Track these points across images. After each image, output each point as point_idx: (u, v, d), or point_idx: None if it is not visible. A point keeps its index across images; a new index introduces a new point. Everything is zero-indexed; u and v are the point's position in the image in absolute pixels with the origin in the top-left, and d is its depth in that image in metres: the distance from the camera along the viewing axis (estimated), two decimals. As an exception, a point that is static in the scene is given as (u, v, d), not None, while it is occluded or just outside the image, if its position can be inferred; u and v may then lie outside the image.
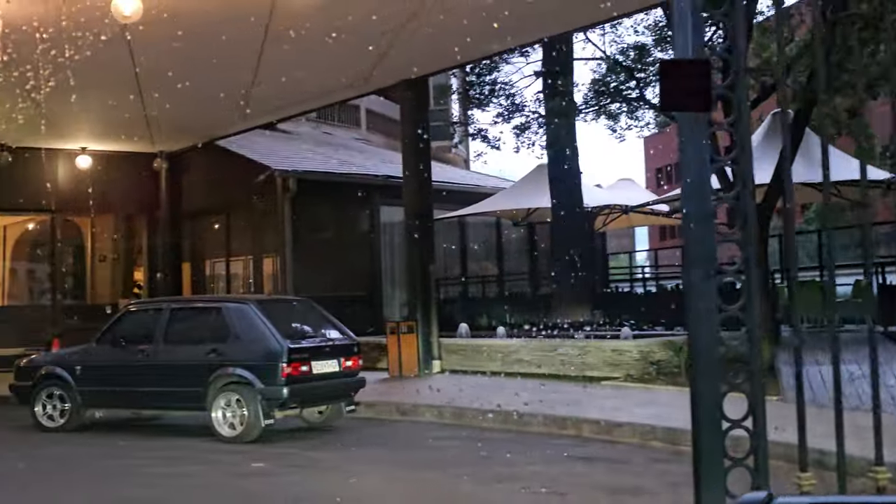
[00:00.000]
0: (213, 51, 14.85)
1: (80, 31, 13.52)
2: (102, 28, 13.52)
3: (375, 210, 22.47)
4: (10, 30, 13.48)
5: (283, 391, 11.18)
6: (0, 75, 15.39)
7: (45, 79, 16.45)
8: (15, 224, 26.22)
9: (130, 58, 15.42)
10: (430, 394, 14.54)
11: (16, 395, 13.09)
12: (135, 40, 14.51)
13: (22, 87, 16.54)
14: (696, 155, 3.43)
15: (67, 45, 13.98)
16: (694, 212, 3.47)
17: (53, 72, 15.91)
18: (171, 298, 13.30)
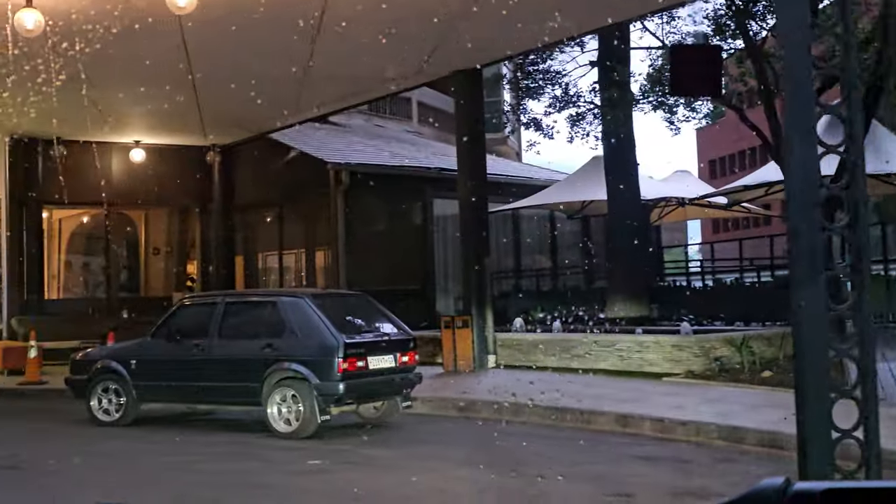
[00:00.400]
0: (265, 43, 14.73)
1: (133, 23, 13.44)
2: (156, 20, 13.45)
3: (428, 203, 22.26)
4: (63, 23, 13.44)
5: (338, 387, 11.00)
6: (54, 69, 15.37)
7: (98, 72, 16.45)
8: (70, 217, 26.37)
9: (184, 50, 15.34)
10: (487, 389, 14.30)
11: (71, 388, 13.06)
12: (188, 32, 14.43)
13: (76, 81, 16.53)
14: (802, 141, 3.16)
15: (121, 38, 13.92)
16: (799, 202, 3.19)
17: (106, 65, 15.88)
18: (225, 292, 13.19)
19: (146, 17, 13.20)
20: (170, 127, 21.64)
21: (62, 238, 27.22)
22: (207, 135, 22.67)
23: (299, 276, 23.55)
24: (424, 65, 16.27)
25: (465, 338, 16.60)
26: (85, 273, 26.55)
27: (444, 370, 16.42)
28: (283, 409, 11.28)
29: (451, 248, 22.55)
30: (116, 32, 13.65)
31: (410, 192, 22.24)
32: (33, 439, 11.65)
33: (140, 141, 22.96)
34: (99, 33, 13.70)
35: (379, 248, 21.58)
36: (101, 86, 17.36)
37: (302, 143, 22.72)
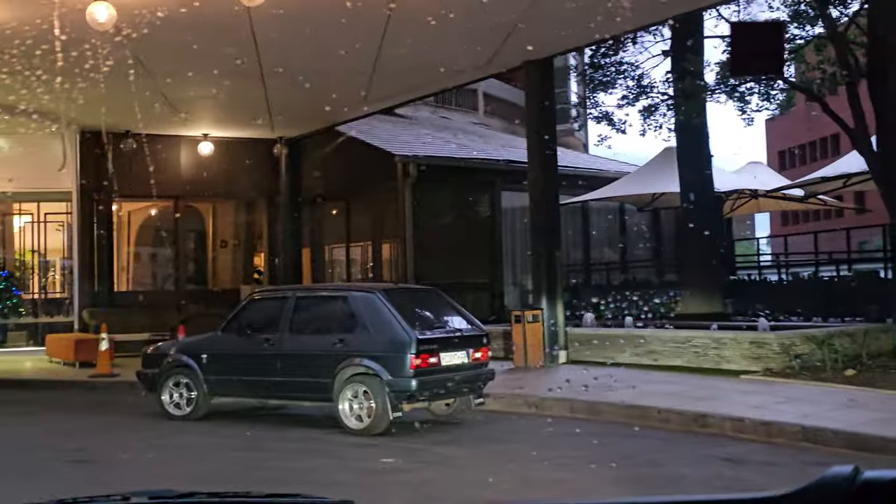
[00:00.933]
0: (334, 35, 14.58)
1: (202, 15, 13.37)
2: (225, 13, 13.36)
3: (496, 195, 22.00)
4: (134, 15, 13.41)
5: (411, 383, 10.82)
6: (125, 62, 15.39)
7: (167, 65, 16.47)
8: (139, 210, 26.58)
9: (253, 42, 15.26)
10: (559, 386, 14.02)
11: (143, 382, 13.04)
12: (256, 25, 14.33)
13: (145, 74, 16.56)
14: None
15: (190, 30, 13.88)
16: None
17: (175, 58, 15.89)
18: (295, 287, 13.09)
19: (215, 9, 13.12)
20: (238, 120, 21.67)
21: (131, 231, 27.45)
22: (275, 128, 22.66)
23: (366, 268, 23.46)
24: (495, 55, 16.01)
25: (535, 333, 16.33)
26: (154, 265, 26.75)
27: (513, 365, 16.17)
28: (355, 406, 11.13)
29: (520, 240, 22.29)
30: (185, 25, 13.61)
31: (478, 185, 22.01)
32: (103, 432, 11.64)
33: (208, 134, 23.02)
34: (168, 26, 13.66)
35: (446, 241, 21.39)
36: (171, 78, 17.41)
37: (369, 136, 22.60)
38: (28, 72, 16.88)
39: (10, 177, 21.41)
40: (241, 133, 23.25)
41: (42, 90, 18.19)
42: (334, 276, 24.38)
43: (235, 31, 14.36)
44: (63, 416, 13.04)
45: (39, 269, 23.86)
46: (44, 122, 20.37)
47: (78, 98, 19.13)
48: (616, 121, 21.31)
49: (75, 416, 13.19)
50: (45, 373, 17.57)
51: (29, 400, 14.95)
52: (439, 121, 28.60)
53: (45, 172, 21.84)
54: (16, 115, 19.39)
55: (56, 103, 19.36)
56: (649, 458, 9.61)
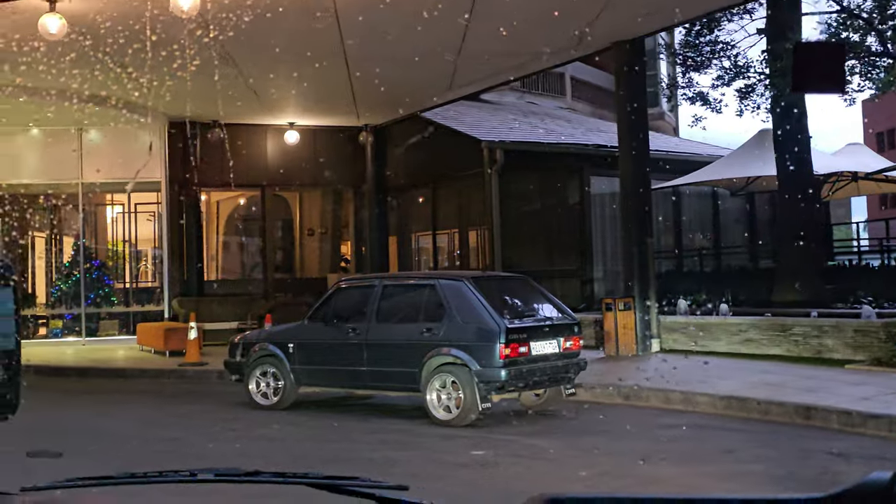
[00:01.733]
0: (419, 19, 14.31)
1: (287, 2, 13.23)
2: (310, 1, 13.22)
3: (585, 181, 21.53)
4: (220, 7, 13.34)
5: (500, 373, 10.52)
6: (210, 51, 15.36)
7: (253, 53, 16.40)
8: (227, 199, 26.75)
9: (337, 29, 15.09)
10: (653, 376, 13.60)
11: (230, 371, 12.97)
12: (341, 11, 14.15)
13: (232, 63, 16.53)
14: None
15: (274, 17, 13.74)
16: None
17: (261, 46, 15.80)
18: (382, 275, 12.85)
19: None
20: (323, 108, 21.59)
21: (220, 220, 27.66)
22: (360, 115, 22.54)
23: (452, 257, 23.21)
24: (584, 37, 15.58)
25: (627, 321, 15.91)
26: (242, 254, 26.92)
27: (604, 354, 15.77)
28: (443, 396, 10.88)
29: (609, 227, 21.81)
30: (270, 12, 13.48)
31: (566, 170, 21.57)
32: (192, 422, 11.58)
33: (294, 123, 23.00)
34: (253, 13, 13.55)
35: (534, 228, 21.02)
36: (257, 67, 17.35)
37: (455, 122, 22.33)
38: (120, 68, 17.02)
39: (98, 167, 21.66)
40: (326, 121, 23.19)
41: (132, 84, 18.34)
42: (420, 265, 24.19)
43: (320, 19, 14.20)
44: (153, 406, 13.05)
45: (130, 259, 24.15)
46: (133, 114, 20.56)
47: (166, 91, 19.25)
48: (712, 100, 20.61)
49: (165, 405, 13.21)
50: (136, 361, 17.71)
51: (120, 389, 15.06)
52: (526, 106, 28.18)
53: (135, 163, 22.03)
54: (107, 107, 19.58)
55: (145, 96, 19.52)
56: (752, 453, 9.18)
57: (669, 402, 11.92)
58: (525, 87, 29.53)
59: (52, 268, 23.46)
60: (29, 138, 21.72)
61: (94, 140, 21.88)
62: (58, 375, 16.75)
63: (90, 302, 21.73)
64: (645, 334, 16.05)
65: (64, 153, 21.51)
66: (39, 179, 21.87)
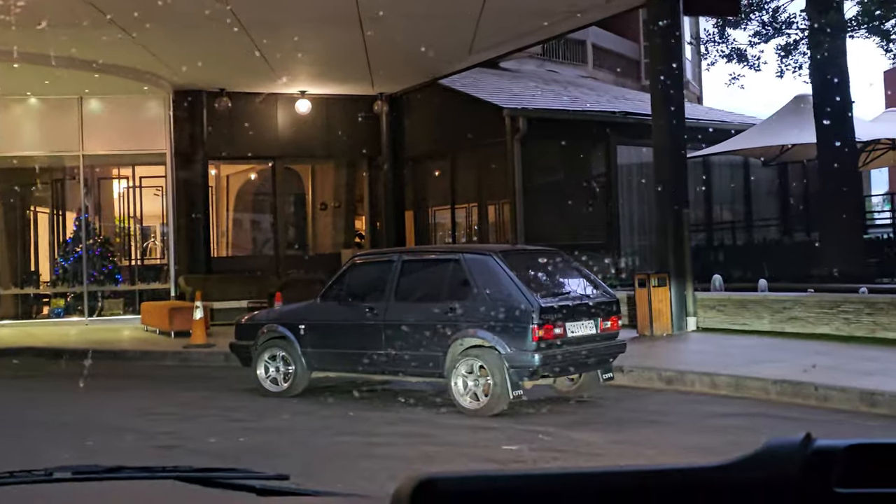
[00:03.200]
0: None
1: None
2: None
3: (612, 150, 20.44)
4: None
5: (533, 358, 9.49)
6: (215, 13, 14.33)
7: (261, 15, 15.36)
8: (237, 173, 25.79)
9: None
10: (694, 357, 12.60)
11: (237, 355, 11.96)
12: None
13: (238, 26, 15.49)
14: None
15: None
16: None
17: (269, 7, 14.78)
18: (401, 249, 11.73)
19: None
20: (336, 75, 20.53)
21: (230, 194, 26.70)
22: (375, 83, 21.49)
23: (471, 231, 22.17)
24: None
25: (662, 297, 14.86)
26: (252, 230, 25.97)
27: (638, 333, 14.73)
28: (469, 383, 9.86)
29: (637, 198, 20.78)
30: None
31: (592, 139, 20.47)
32: (194, 412, 10.56)
33: (305, 91, 21.95)
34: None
35: (558, 200, 19.94)
36: (266, 30, 16.29)
37: (474, 89, 21.24)
38: (122, 32, 16.04)
39: (99, 138, 20.68)
40: (339, 90, 22.14)
41: (136, 50, 17.34)
42: (437, 240, 23.16)
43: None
44: (153, 393, 12.03)
45: (136, 235, 23.20)
46: (137, 81, 19.56)
47: (171, 56, 18.26)
48: (750, 57, 19.40)
49: (166, 391, 12.19)
50: (139, 343, 16.75)
51: (119, 373, 14.08)
52: (547, 74, 27.05)
53: (139, 134, 21.06)
54: (109, 73, 18.59)
55: (149, 62, 18.53)
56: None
57: (716, 387, 10.88)
58: (545, 54, 28.41)
59: (55, 244, 22.53)
60: (27, 108, 20.72)
61: (96, 110, 20.84)
62: (57, 358, 15.80)
63: (93, 280, 20.78)
64: (681, 312, 15.01)
65: (64, 124, 20.51)
66: (39, 151, 20.88)
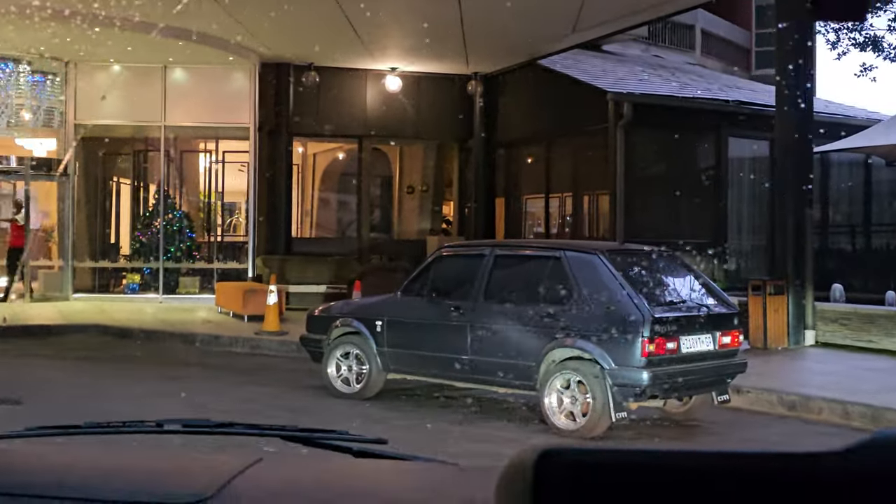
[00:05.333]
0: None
1: None
2: None
3: (723, 142, 18.88)
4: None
5: (641, 375, 8.20)
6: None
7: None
8: (323, 152, 24.87)
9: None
10: (819, 379, 11.15)
11: (307, 349, 10.90)
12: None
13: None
14: None
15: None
16: None
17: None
18: (493, 242, 10.44)
19: None
20: (429, 51, 19.33)
21: (315, 172, 25.79)
22: (470, 62, 20.27)
23: (564, 222, 20.82)
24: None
25: (778, 306, 13.41)
26: (336, 211, 25.01)
27: (750, 346, 13.28)
28: (566, 400, 8.61)
29: (748, 195, 19.23)
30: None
31: (702, 130, 18.94)
32: (254, 412, 9.45)
33: (396, 68, 20.83)
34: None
35: (663, 194, 18.48)
36: (358, 2, 15.18)
37: (575, 71, 19.86)
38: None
39: (187, 109, 19.85)
40: (432, 68, 20.96)
41: (223, 16, 16.41)
42: (528, 231, 21.86)
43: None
44: (215, 385, 10.95)
45: (217, 211, 22.40)
46: (223, 51, 18.65)
47: (259, 26, 17.30)
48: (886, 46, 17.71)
49: (228, 384, 11.12)
50: (211, 326, 15.81)
51: (183, 358, 13.13)
52: (652, 59, 25.50)
53: (223, 106, 20.18)
54: (194, 41, 17.69)
55: (237, 31, 17.60)
56: None
57: (848, 417, 9.46)
58: (651, 38, 26.87)
59: (136, 217, 21.83)
60: (110, 75, 19.95)
61: (180, 80, 20.00)
62: (122, 337, 14.99)
63: (169, 256, 19.98)
64: (799, 324, 13.55)
65: (147, 93, 19.71)
66: (121, 120, 20.12)
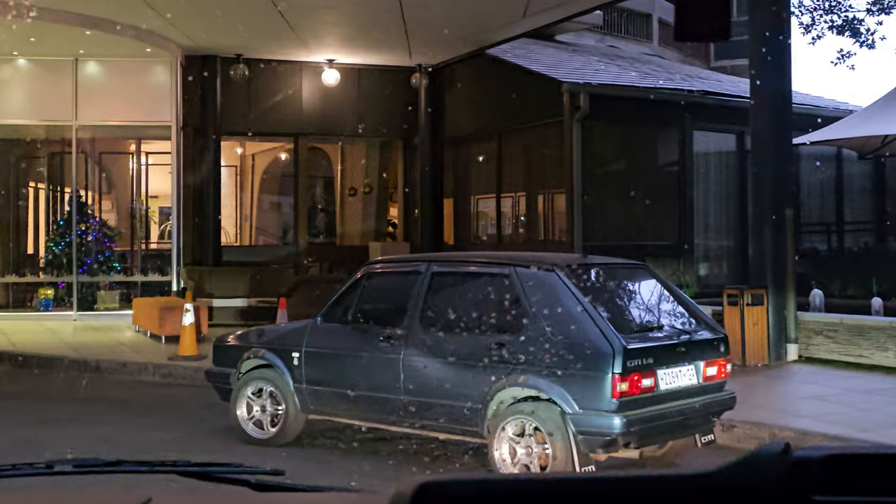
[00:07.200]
0: None
1: None
2: None
3: (687, 136, 17.42)
4: None
5: (612, 421, 6.62)
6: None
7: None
8: (252, 150, 23.20)
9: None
10: (811, 406, 9.68)
11: (214, 386, 9.20)
12: None
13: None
14: None
15: None
16: None
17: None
18: (429, 257, 8.74)
19: None
20: (369, 41, 17.73)
21: (255, 175, 24.11)
22: (413, 52, 18.69)
23: (518, 224, 19.29)
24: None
25: (757, 319, 11.97)
26: (271, 217, 23.31)
27: (726, 363, 11.81)
28: (519, 450, 7.01)
29: (714, 192, 17.83)
30: None
31: (664, 123, 17.50)
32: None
33: (334, 60, 19.19)
34: None
35: (622, 192, 17.03)
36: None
37: (527, 61, 18.33)
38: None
39: (101, 107, 18.05)
40: (372, 59, 19.36)
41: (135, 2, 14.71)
42: (479, 233, 20.31)
43: None
44: (103, 430, 9.09)
45: (140, 219, 20.61)
46: (138, 41, 16.89)
47: (177, 14, 15.62)
48: (864, 31, 16.40)
49: (123, 426, 9.34)
50: (122, 349, 14.04)
51: (80, 392, 11.35)
52: (608, 50, 24.08)
53: (142, 103, 18.40)
54: (103, 30, 15.94)
55: (152, 19, 15.88)
56: None
57: (854, 458, 7.95)
58: (606, 28, 25.45)
59: (49, 227, 20.00)
60: (15, 70, 18.09)
61: (92, 75, 18.19)
62: (15, 366, 13.19)
63: (85, 269, 18.14)
64: (780, 338, 12.11)
65: (56, 89, 17.88)
66: (28, 119, 18.29)
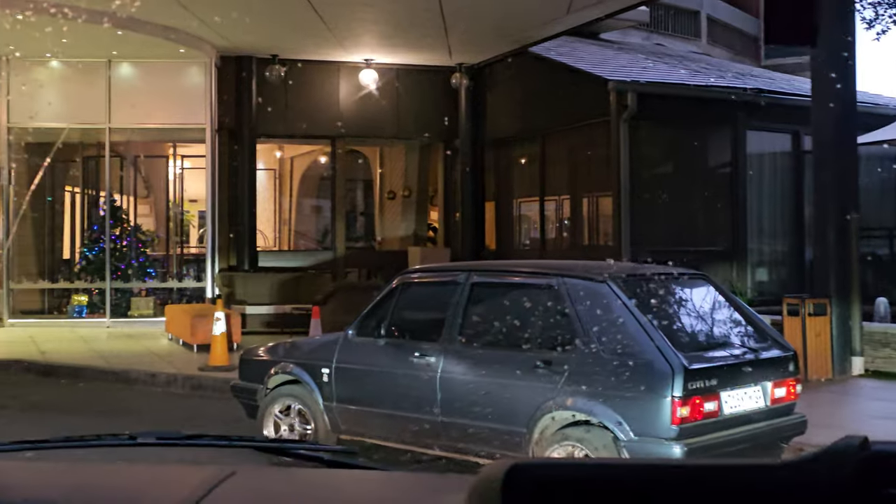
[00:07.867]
0: None
1: None
2: None
3: (740, 136, 16.65)
4: None
5: (672, 450, 5.95)
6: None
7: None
8: (289, 153, 22.75)
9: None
10: (886, 427, 8.92)
11: (239, 401, 8.65)
12: None
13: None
14: None
15: None
16: None
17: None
18: (470, 265, 8.08)
19: None
20: (407, 40, 17.17)
21: (294, 179, 23.63)
22: (453, 51, 18.08)
23: (562, 228, 18.61)
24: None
25: (820, 330, 11.20)
26: (310, 221, 22.80)
27: (786, 377, 11.07)
28: (568, 480, 6.38)
29: (769, 195, 17.05)
30: None
31: (716, 122, 16.75)
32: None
33: (371, 60, 18.64)
34: None
35: (672, 195, 16.28)
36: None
37: (573, 59, 17.66)
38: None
39: (135, 109, 17.60)
40: (411, 59, 18.79)
41: (170, 2, 14.27)
42: (522, 237, 19.68)
43: None
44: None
45: (176, 223, 20.22)
46: (173, 42, 16.44)
47: (213, 14, 15.14)
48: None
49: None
50: (153, 358, 13.54)
51: (108, 404, 10.87)
52: (654, 48, 23.32)
53: (176, 106, 17.97)
54: (137, 30, 15.51)
55: (187, 19, 15.44)
56: None
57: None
58: (652, 25, 24.70)
59: (83, 231, 19.65)
60: (48, 72, 17.71)
61: (126, 76, 17.78)
62: (46, 375, 12.75)
63: (118, 275, 17.72)
64: (844, 350, 11.35)
65: (89, 91, 17.49)
66: (62, 122, 17.87)
